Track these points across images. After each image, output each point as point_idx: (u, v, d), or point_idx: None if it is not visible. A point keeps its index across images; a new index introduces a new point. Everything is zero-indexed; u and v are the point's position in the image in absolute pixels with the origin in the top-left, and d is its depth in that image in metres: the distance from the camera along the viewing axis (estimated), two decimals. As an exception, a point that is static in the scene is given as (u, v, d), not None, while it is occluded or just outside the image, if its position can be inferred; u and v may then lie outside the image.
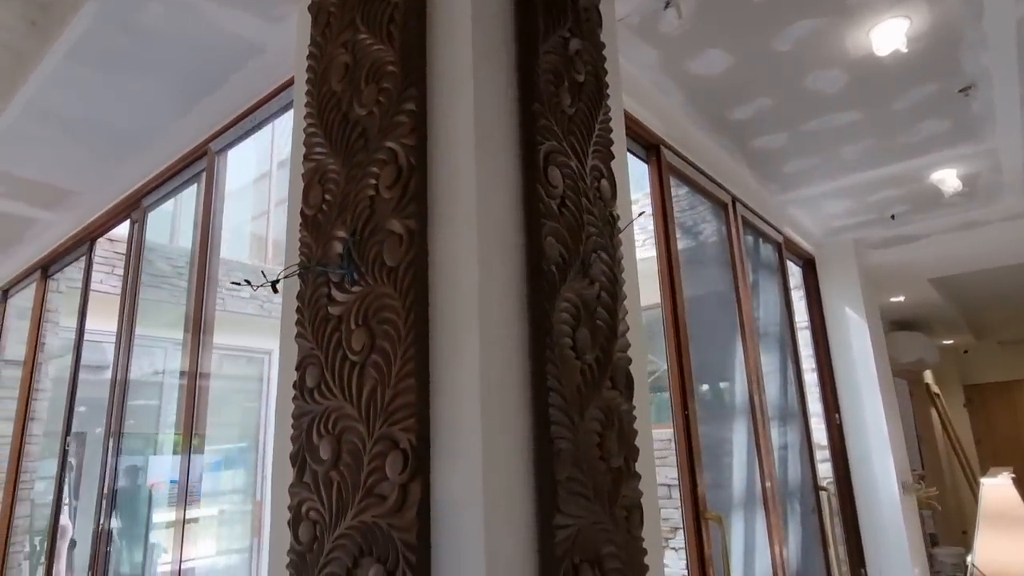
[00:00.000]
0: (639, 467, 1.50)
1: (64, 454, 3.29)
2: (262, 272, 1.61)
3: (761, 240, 3.89)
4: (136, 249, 2.97)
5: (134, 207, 3.08)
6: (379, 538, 1.22)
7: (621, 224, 1.72)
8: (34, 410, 3.93)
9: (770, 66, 2.44)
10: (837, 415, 4.37)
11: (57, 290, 4.24)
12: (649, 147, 2.72)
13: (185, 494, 2.34)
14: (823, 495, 3.56)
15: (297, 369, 1.50)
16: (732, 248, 3.27)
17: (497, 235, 1.31)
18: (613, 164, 1.71)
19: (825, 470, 4.13)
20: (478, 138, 1.33)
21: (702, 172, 3.05)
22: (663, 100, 2.63)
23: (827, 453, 4.22)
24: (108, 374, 2.96)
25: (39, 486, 4.35)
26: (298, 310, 1.54)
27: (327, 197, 1.58)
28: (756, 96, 2.65)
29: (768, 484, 2.94)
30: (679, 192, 3.03)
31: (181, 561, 2.29)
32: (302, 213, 1.63)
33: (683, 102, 2.66)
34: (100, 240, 3.61)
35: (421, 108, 1.42)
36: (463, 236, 1.29)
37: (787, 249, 4.14)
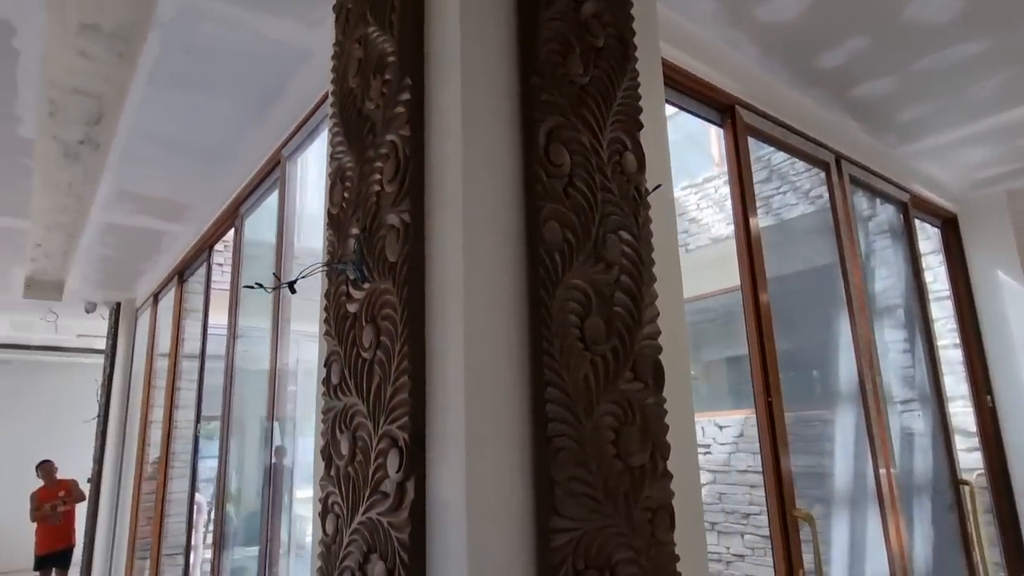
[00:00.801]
0: (674, 465, 1.37)
1: (196, 439, 3.70)
2: (274, 275, 1.66)
3: (879, 201, 3.42)
4: (236, 252, 3.25)
5: (234, 214, 3.36)
6: (381, 536, 1.22)
7: (652, 198, 1.57)
8: (179, 398, 4.46)
9: (856, 1, 2.10)
10: (989, 397, 3.77)
11: (195, 291, 4.75)
12: (723, 108, 2.47)
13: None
14: (964, 489, 3.09)
15: (324, 366, 1.54)
16: (836, 213, 2.91)
17: (489, 223, 1.24)
18: (644, 134, 1.56)
19: (972, 460, 3.58)
20: (466, 121, 1.26)
21: (793, 130, 2.73)
22: (733, 55, 2.37)
23: (975, 441, 3.65)
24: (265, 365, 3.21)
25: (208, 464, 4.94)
26: (324, 308, 1.57)
27: (346, 195, 1.59)
28: (845, 38, 2.31)
29: (884, 477, 2.60)
30: (774, 157, 2.74)
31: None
32: (328, 212, 1.66)
33: (758, 54, 2.38)
34: (218, 245, 3.99)
35: (417, 97, 1.38)
36: (451, 227, 1.24)
37: (916, 208, 3.60)
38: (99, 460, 5.92)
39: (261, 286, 1.35)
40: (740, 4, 2.09)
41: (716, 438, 5.65)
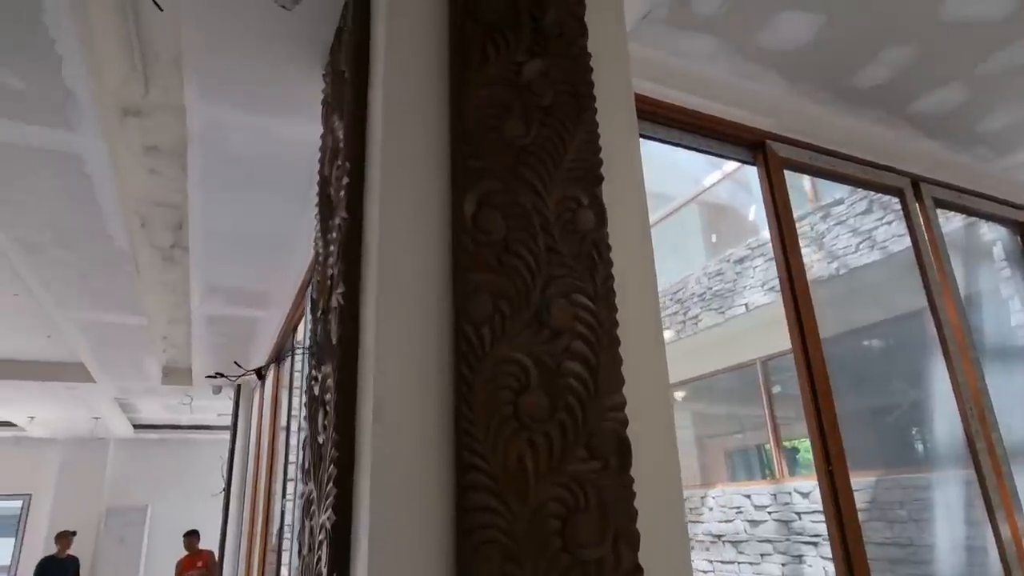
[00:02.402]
0: (655, 560, 1.19)
1: (282, 513, 3.86)
2: (236, 363, 1.70)
3: (985, 225, 2.96)
4: (305, 334, 3.44)
5: (303, 299, 3.59)
6: (313, 636, 1.16)
7: (627, 250, 1.44)
8: (279, 462, 4.69)
9: (877, 10, 1.89)
10: None
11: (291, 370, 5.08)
12: (752, 145, 2.28)
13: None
14: None
15: (301, 449, 1.54)
16: (918, 244, 2.54)
17: (405, 299, 1.19)
18: (609, 186, 1.46)
19: None
20: (385, 199, 1.25)
21: (848, 157, 2.45)
22: (754, 88, 2.20)
23: None
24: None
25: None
26: (303, 390, 1.59)
27: (318, 279, 1.63)
28: (880, 50, 2.07)
29: (1013, 552, 2.10)
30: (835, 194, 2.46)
31: None
32: (310, 296, 1.71)
33: (782, 83, 2.20)
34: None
35: (356, 180, 1.40)
36: (370, 306, 1.21)
37: (1039, 228, 3.06)
38: (223, 532, 6.36)
39: (221, 375, 1.39)
40: (740, 36, 1.95)
41: (845, 505, 4.96)
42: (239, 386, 6.68)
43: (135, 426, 10.61)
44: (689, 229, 8.68)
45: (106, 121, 2.27)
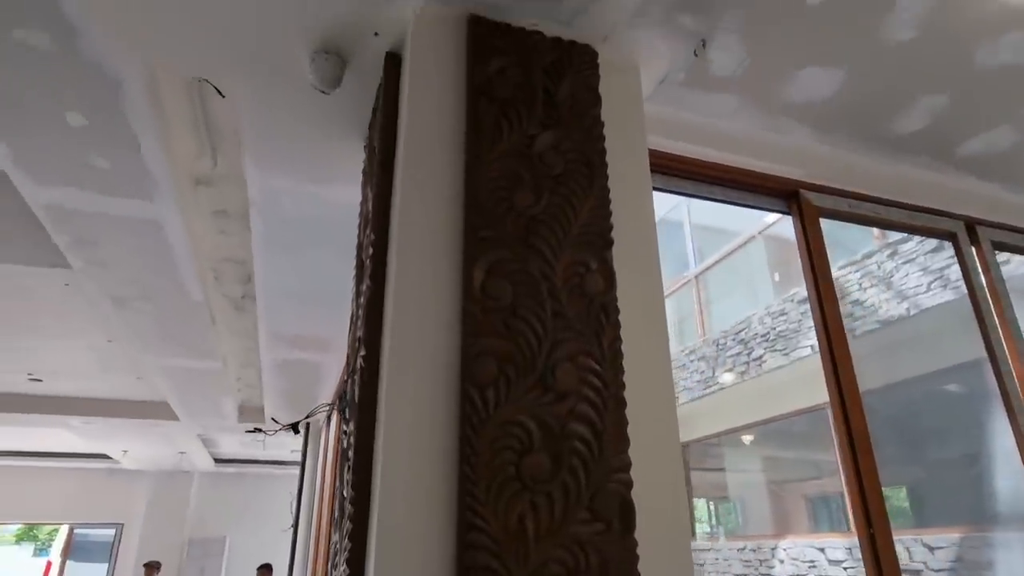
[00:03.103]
0: (657, 621, 1.20)
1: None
2: (272, 418, 1.82)
3: (1057, 265, 2.78)
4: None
5: (359, 345, 3.78)
6: None
7: (638, 307, 1.48)
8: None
9: (900, 64, 1.87)
10: None
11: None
12: (786, 195, 2.27)
13: None
14: None
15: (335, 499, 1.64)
16: (973, 290, 2.42)
17: (416, 364, 1.28)
18: (621, 249, 1.51)
19: None
20: (400, 269, 1.36)
21: (892, 203, 2.39)
22: (783, 140, 2.20)
23: None
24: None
25: None
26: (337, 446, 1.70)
27: (350, 339, 1.75)
28: (912, 99, 2.03)
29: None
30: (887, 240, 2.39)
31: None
32: (347, 357, 1.83)
33: (811, 133, 2.19)
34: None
35: (380, 248, 1.51)
36: (385, 368, 1.30)
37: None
38: (290, 567, 6.56)
39: (260, 430, 1.52)
40: (761, 93, 1.98)
41: (928, 563, 4.59)
42: (308, 425, 6.97)
43: (216, 460, 11.20)
44: (756, 265, 8.46)
45: (180, 190, 2.53)
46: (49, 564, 13.74)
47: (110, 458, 10.54)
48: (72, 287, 3.71)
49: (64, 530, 13.06)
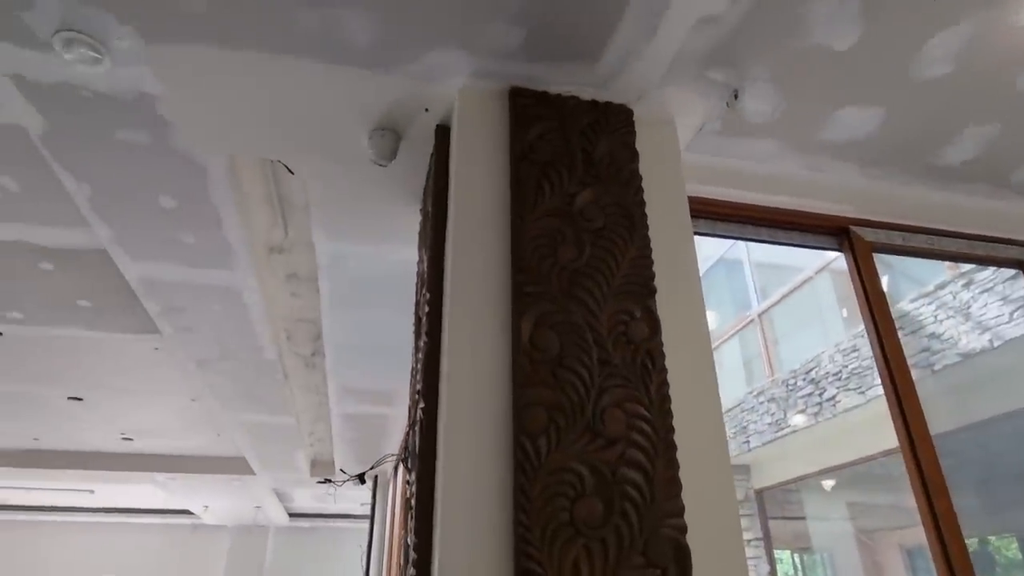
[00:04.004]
0: (719, 669, 1.20)
1: None
2: (341, 470, 1.91)
3: None
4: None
5: (421, 396, 3.90)
6: None
7: (684, 353, 1.52)
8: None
9: (940, 99, 1.88)
10: None
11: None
12: (836, 233, 2.27)
13: None
14: None
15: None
16: (1051, 319, 2.30)
17: (470, 416, 1.36)
18: (665, 296, 1.56)
19: None
20: (453, 325, 1.46)
21: (953, 234, 2.34)
22: (824, 178, 2.22)
23: None
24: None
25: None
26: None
27: (411, 392, 1.85)
28: (958, 130, 2.02)
29: None
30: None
31: None
32: (409, 409, 1.93)
33: (856, 169, 2.19)
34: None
35: (435, 307, 1.62)
36: (442, 420, 1.38)
37: None
38: (362, 624, 6.60)
39: (330, 481, 1.62)
40: (800, 136, 2.02)
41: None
42: (376, 477, 7.10)
43: (290, 514, 11.48)
44: (823, 301, 8.17)
45: (256, 259, 2.76)
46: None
47: (193, 514, 10.98)
48: (161, 351, 4.02)
49: (151, 585, 13.54)
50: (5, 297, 3.26)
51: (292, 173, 2.22)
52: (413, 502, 1.47)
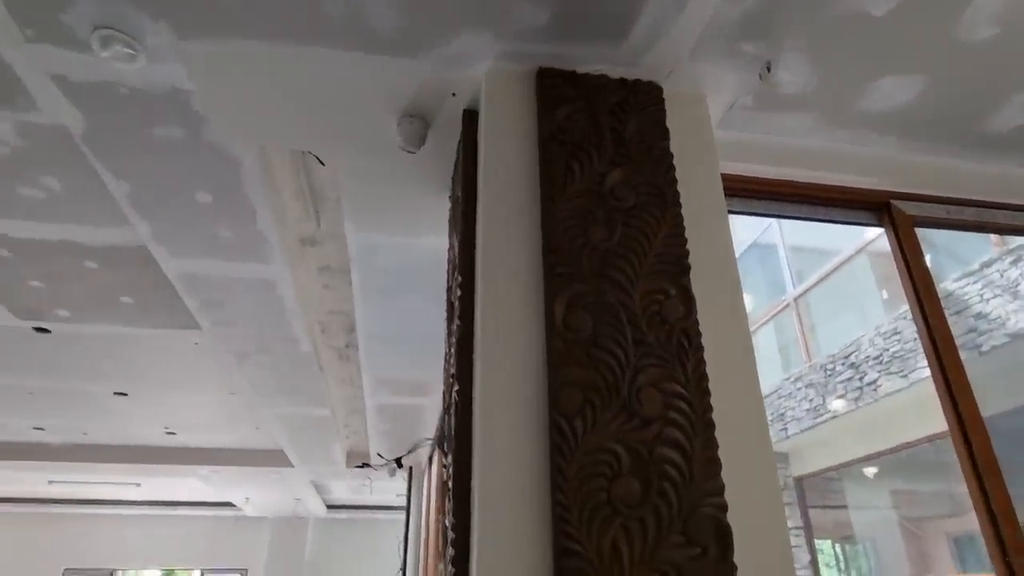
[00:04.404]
0: (763, 649, 1.18)
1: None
2: (378, 454, 1.93)
3: None
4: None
5: (454, 386, 3.92)
6: None
7: (723, 334, 1.49)
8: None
9: (989, 62, 1.79)
10: None
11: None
12: (876, 207, 2.20)
13: None
14: None
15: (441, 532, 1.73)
16: (1108, 292, 2.20)
17: (505, 396, 1.36)
18: (699, 274, 1.54)
19: None
20: (485, 306, 1.46)
21: (1001, 206, 2.26)
22: (862, 151, 2.15)
23: None
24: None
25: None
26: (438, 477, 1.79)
27: (444, 376, 1.86)
28: (1005, 97, 1.93)
29: None
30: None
31: None
32: (443, 394, 1.94)
33: (896, 141, 2.12)
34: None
35: (468, 290, 1.62)
36: (478, 401, 1.38)
37: None
38: (401, 613, 6.70)
39: (367, 465, 1.64)
40: (836, 107, 1.96)
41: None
42: (411, 468, 7.19)
43: (328, 506, 11.70)
44: (861, 284, 7.96)
45: (290, 251, 2.80)
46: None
47: (234, 506, 11.27)
48: (201, 346, 4.13)
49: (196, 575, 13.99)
50: (53, 295, 3.38)
51: (323, 164, 2.24)
52: (450, 483, 1.48)
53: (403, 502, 10.13)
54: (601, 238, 1.53)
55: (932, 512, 8.62)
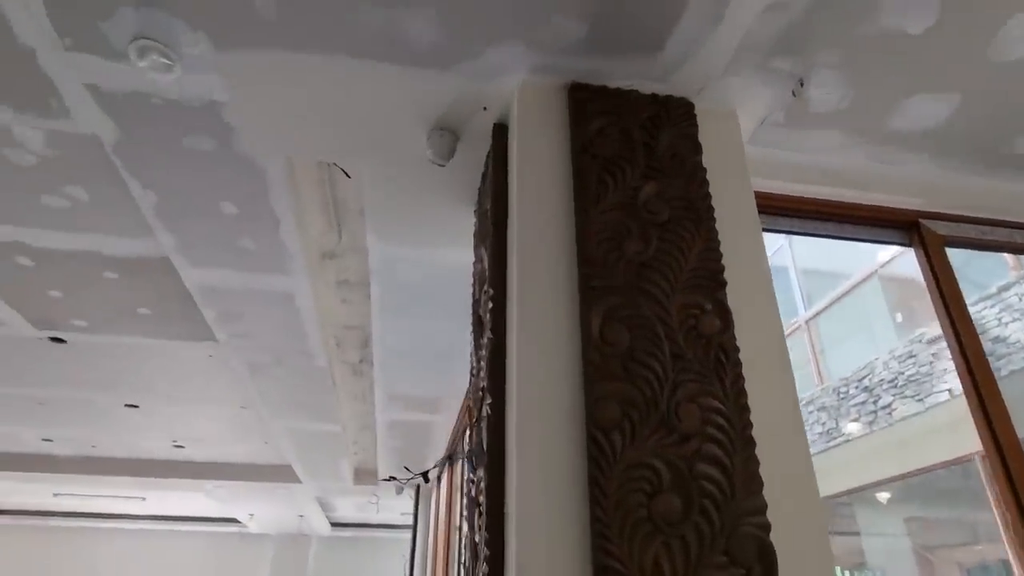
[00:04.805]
0: (811, 677, 1.14)
1: None
2: (405, 467, 1.90)
3: None
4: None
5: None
6: None
7: (760, 348, 1.47)
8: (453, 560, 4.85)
9: (1018, 82, 1.80)
10: None
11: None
12: (905, 227, 2.19)
13: None
14: None
15: (462, 547, 1.69)
16: None
17: (542, 411, 1.34)
18: (735, 289, 1.52)
19: None
20: (522, 322, 1.44)
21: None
22: (892, 170, 2.14)
23: None
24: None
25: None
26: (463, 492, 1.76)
27: (472, 390, 1.84)
28: (1037, 117, 1.93)
29: None
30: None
31: None
32: (467, 405, 1.92)
33: (926, 160, 2.11)
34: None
35: (499, 304, 1.61)
36: (513, 415, 1.36)
37: None
38: (407, 634, 6.58)
39: (395, 479, 1.61)
40: (867, 125, 1.95)
41: None
42: (418, 486, 7.12)
43: (332, 524, 11.59)
44: (873, 307, 7.91)
45: (310, 264, 2.80)
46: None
47: (239, 522, 11.17)
48: (215, 358, 4.12)
49: (197, 593, 13.82)
50: (72, 305, 3.38)
51: (348, 176, 2.24)
52: (482, 499, 1.45)
53: (407, 520, 10.03)
54: (636, 251, 1.51)
55: (945, 541, 8.45)
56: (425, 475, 1.94)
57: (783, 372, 1.50)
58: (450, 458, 5.22)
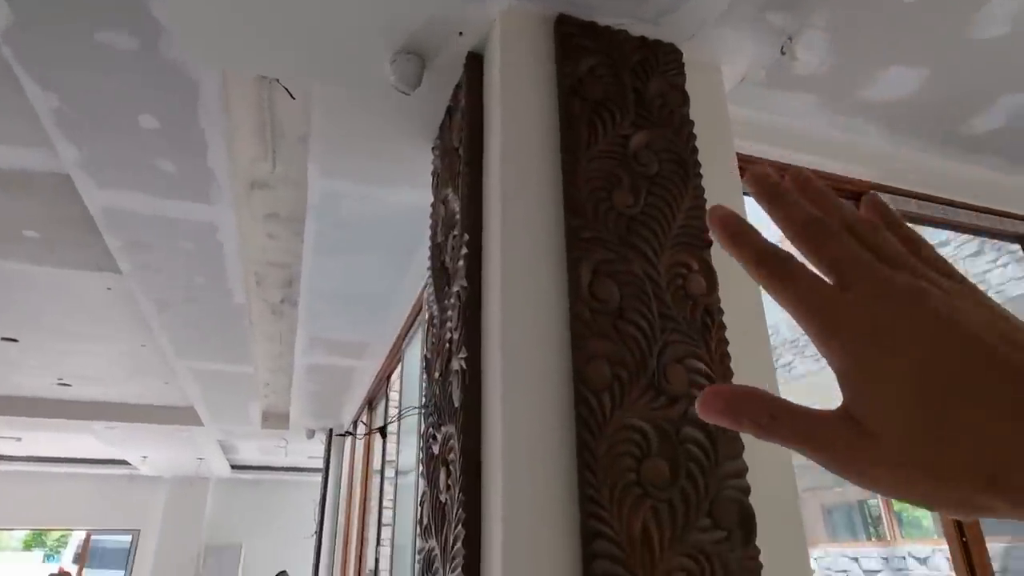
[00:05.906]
0: (783, 634, 1.16)
1: (376, 562, 3.96)
2: (362, 421, 1.79)
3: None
4: (400, 383, 3.58)
5: (398, 350, 3.75)
6: None
7: (739, 309, 1.45)
8: (388, 517, 4.79)
9: (989, 61, 1.84)
10: None
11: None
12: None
13: None
14: None
15: (419, 505, 1.61)
16: (1045, 293, 2.37)
17: (528, 366, 1.25)
18: (718, 250, 1.48)
19: None
20: (505, 269, 1.33)
21: (964, 206, 2.36)
22: (851, 139, 2.17)
23: None
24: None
25: None
26: (419, 448, 1.67)
27: (432, 341, 1.72)
28: (994, 99, 2.00)
29: None
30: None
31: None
32: (424, 356, 1.81)
33: (884, 133, 2.15)
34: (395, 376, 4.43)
35: (475, 250, 1.49)
36: (493, 372, 1.27)
37: None
38: (315, 575, 6.52)
39: (351, 434, 1.49)
40: (840, 92, 1.95)
41: None
42: (330, 431, 6.95)
43: (232, 467, 11.18)
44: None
45: (237, 194, 2.52)
46: (61, 570, 13.80)
47: (129, 464, 10.54)
48: (114, 291, 3.71)
49: (80, 537, 13.06)
50: (-62, 223, 2.89)
51: (293, 98, 2.00)
52: (451, 456, 1.37)
53: (314, 464, 9.84)
54: (627, 204, 1.43)
55: (813, 484, 9.39)
56: (383, 430, 1.85)
57: (761, 334, 1.49)
58: (370, 403, 5.09)
